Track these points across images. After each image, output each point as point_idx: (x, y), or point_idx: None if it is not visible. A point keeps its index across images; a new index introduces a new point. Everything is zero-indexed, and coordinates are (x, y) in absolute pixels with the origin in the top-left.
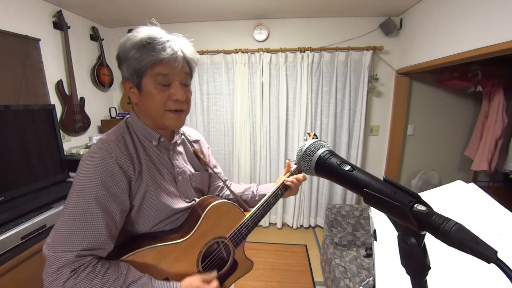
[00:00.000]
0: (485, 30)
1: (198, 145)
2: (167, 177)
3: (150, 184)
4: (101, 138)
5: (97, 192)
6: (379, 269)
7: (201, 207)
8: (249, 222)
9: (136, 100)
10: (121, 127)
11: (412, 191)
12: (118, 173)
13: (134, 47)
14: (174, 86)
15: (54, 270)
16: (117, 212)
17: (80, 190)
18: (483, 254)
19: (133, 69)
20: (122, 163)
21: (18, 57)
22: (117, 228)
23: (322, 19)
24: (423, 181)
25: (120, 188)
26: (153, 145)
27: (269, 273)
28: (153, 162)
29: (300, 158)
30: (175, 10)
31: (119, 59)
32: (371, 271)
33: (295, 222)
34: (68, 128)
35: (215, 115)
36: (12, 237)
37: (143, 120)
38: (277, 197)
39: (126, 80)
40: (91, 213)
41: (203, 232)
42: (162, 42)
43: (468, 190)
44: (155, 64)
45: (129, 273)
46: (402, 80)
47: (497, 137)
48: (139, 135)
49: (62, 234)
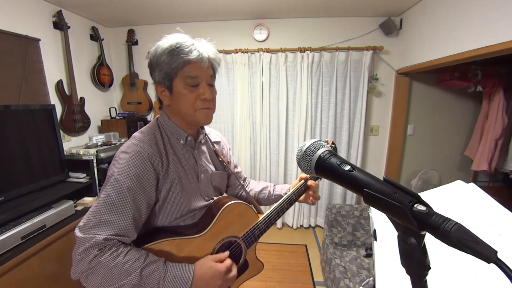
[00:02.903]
0: (485, 30)
1: (219, 146)
2: (190, 175)
3: (175, 181)
4: (135, 136)
5: (130, 184)
6: (379, 269)
7: (216, 206)
8: (262, 225)
9: (168, 102)
10: (153, 126)
11: (412, 191)
12: (150, 169)
13: (164, 53)
14: (202, 86)
15: (82, 250)
16: (144, 205)
17: (115, 180)
18: (483, 254)
19: (165, 73)
20: (153, 160)
21: (18, 57)
22: (142, 220)
23: (322, 19)
24: (423, 181)
25: (149, 183)
26: (180, 144)
27: (269, 273)
28: (179, 160)
29: (300, 158)
30: (175, 10)
31: (151, 66)
32: (371, 271)
33: (295, 222)
34: (68, 128)
35: (215, 115)
36: (12, 237)
37: (174, 121)
38: (291, 202)
39: (158, 84)
40: (123, 203)
41: (218, 230)
42: (188, 46)
43: (468, 190)
44: (184, 65)
45: (148, 256)
46: (402, 80)
47: (497, 137)
48: (168, 134)
49: (94, 218)
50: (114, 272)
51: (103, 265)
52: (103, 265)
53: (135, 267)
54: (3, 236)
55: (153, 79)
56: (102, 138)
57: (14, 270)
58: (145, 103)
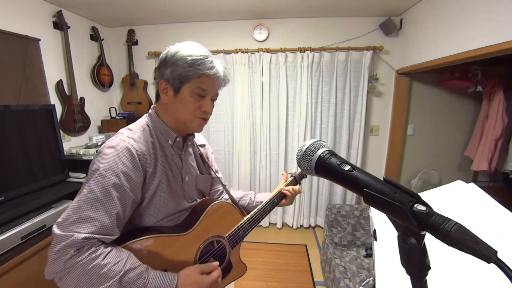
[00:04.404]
0: (485, 30)
1: (204, 149)
2: (176, 176)
3: (162, 181)
4: (123, 132)
5: (116, 181)
6: (379, 269)
7: (201, 207)
8: (246, 225)
9: (168, 101)
10: (142, 123)
11: (412, 191)
12: (137, 166)
13: (185, 58)
14: (207, 100)
15: (59, 248)
16: (129, 203)
17: (99, 175)
18: (483, 254)
19: (179, 75)
20: (142, 158)
21: (18, 57)
22: (125, 219)
23: (322, 19)
24: (423, 181)
25: (136, 181)
26: (168, 144)
27: (269, 273)
28: (167, 160)
29: (300, 158)
30: (175, 10)
31: (164, 62)
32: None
33: (295, 222)
34: (68, 128)
35: (215, 115)
36: (12, 237)
37: (164, 120)
38: (273, 205)
39: (165, 81)
40: (107, 199)
41: (203, 229)
42: (210, 61)
43: (468, 190)
44: (200, 77)
45: (129, 259)
46: (402, 80)
47: (497, 137)
48: (157, 133)
49: (74, 215)
50: (90, 276)
51: (79, 267)
52: (79, 267)
53: (114, 272)
54: (3, 236)
55: (160, 74)
56: (102, 138)
57: (14, 270)
58: (145, 103)
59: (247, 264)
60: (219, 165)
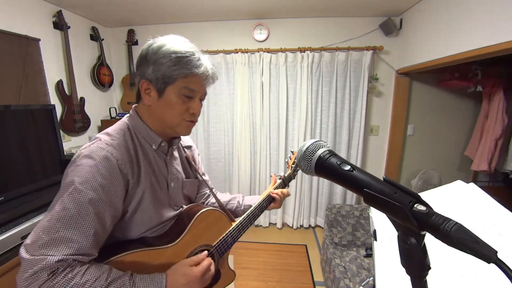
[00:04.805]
0: (485, 30)
1: (190, 151)
2: (161, 183)
3: (146, 190)
4: (101, 138)
5: (93, 196)
6: (379, 269)
7: (188, 215)
8: (235, 232)
9: (151, 103)
10: (122, 127)
11: (412, 191)
12: (118, 178)
13: (169, 56)
14: (195, 101)
15: (30, 274)
16: (109, 219)
17: (74, 190)
18: (483, 254)
19: (163, 74)
20: (123, 167)
21: (18, 57)
22: (105, 235)
23: (322, 19)
24: (423, 181)
25: (117, 194)
26: (152, 149)
27: (269, 273)
28: (151, 166)
29: (300, 158)
30: (175, 10)
31: (145, 59)
32: (371, 271)
33: (295, 222)
34: (68, 128)
35: (215, 115)
36: (12, 237)
37: (147, 123)
38: (262, 209)
39: (147, 81)
40: (82, 217)
41: (191, 239)
42: (197, 59)
43: (468, 190)
44: (187, 76)
45: (110, 272)
46: (402, 80)
47: (497, 137)
48: (140, 138)
49: (45, 236)
50: None
51: None
52: None
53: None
54: (3, 236)
55: (140, 73)
56: None
57: (14, 270)
58: None
59: (247, 264)
60: (219, 165)
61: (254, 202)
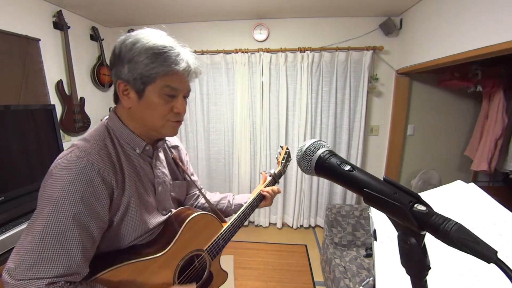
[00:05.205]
0: (485, 30)
1: (177, 151)
2: (148, 188)
3: (133, 199)
4: (79, 145)
5: (76, 210)
6: (379, 269)
7: (178, 220)
8: (227, 234)
9: (131, 105)
10: (101, 131)
11: (412, 191)
12: (101, 188)
13: (145, 52)
14: (179, 99)
15: None
16: (96, 231)
17: (55, 207)
18: (483, 254)
19: (140, 74)
20: (105, 175)
21: (18, 57)
22: (94, 249)
23: (322, 19)
24: (423, 181)
25: (101, 204)
26: (135, 153)
27: (269, 273)
28: (136, 172)
29: (300, 158)
30: (175, 10)
31: (118, 58)
32: (371, 271)
33: (295, 222)
34: (68, 128)
35: (215, 115)
36: (12, 237)
37: (129, 126)
38: (253, 208)
39: (123, 82)
40: (67, 235)
41: (181, 246)
42: (176, 54)
43: (468, 190)
44: (167, 75)
45: None
46: (402, 80)
47: (497, 137)
48: (122, 142)
49: (30, 258)
50: None
51: None
52: None
53: None
54: (3, 236)
55: (115, 73)
56: None
57: None
58: None
59: (247, 264)
60: (219, 165)
61: (244, 201)
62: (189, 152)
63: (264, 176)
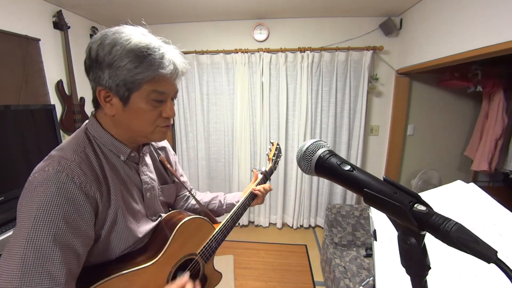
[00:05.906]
0: (485, 30)
1: (165, 152)
2: (135, 195)
3: (119, 209)
4: (56, 157)
5: (57, 230)
6: (379, 269)
7: (168, 225)
8: (219, 235)
9: (114, 113)
10: (80, 140)
11: (412, 191)
12: (83, 203)
13: (127, 56)
14: (168, 103)
15: None
16: (80, 248)
17: (34, 228)
18: (483, 254)
19: (123, 80)
20: (88, 189)
21: (18, 57)
22: (80, 266)
23: (322, 19)
24: (423, 181)
25: (85, 220)
26: (120, 160)
27: (269, 273)
28: (121, 181)
29: (300, 158)
30: (175, 10)
31: (96, 62)
32: (371, 271)
33: (295, 222)
34: (68, 128)
35: (215, 115)
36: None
37: (112, 132)
38: (245, 207)
39: (105, 89)
40: (48, 257)
41: (173, 251)
42: (161, 55)
43: (468, 190)
44: (154, 80)
45: None
46: (402, 80)
47: (497, 137)
48: (104, 150)
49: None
50: None
51: None
52: None
53: None
54: (3, 236)
55: (94, 78)
56: None
57: None
58: None
59: (247, 264)
60: (219, 165)
61: (236, 200)
62: (189, 152)
63: (255, 174)
